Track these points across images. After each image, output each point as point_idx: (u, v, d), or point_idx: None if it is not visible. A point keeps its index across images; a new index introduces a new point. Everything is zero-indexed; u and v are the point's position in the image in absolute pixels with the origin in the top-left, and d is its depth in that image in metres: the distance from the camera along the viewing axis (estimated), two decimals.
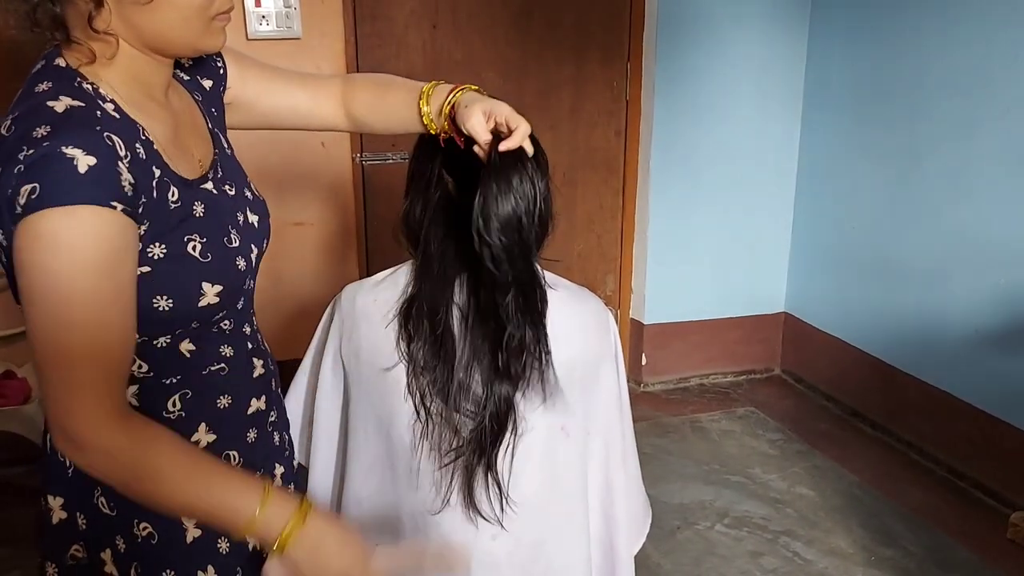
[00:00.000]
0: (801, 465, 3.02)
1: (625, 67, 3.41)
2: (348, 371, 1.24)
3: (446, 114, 1.10)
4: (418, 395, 1.14)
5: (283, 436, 1.20)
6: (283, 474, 1.18)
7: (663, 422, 3.36)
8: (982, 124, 2.72)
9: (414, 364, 1.14)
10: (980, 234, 2.75)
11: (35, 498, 1.09)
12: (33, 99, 0.86)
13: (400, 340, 1.15)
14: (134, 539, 1.01)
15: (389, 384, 1.16)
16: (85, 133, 0.83)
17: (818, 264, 3.57)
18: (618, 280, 3.67)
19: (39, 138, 0.81)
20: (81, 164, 0.80)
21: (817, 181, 3.53)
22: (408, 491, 1.19)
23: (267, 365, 1.15)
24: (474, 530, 1.17)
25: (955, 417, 2.89)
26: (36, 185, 0.79)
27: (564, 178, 3.43)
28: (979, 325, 2.78)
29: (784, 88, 3.52)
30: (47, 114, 0.83)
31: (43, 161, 0.80)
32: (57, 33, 0.89)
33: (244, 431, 1.09)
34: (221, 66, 1.14)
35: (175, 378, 1.00)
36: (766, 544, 2.56)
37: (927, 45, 2.91)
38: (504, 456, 1.15)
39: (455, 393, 1.13)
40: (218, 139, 1.10)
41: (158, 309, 0.92)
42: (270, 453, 1.16)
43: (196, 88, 1.10)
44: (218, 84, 1.14)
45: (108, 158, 0.83)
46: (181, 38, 0.94)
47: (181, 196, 0.95)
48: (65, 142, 0.81)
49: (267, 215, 1.13)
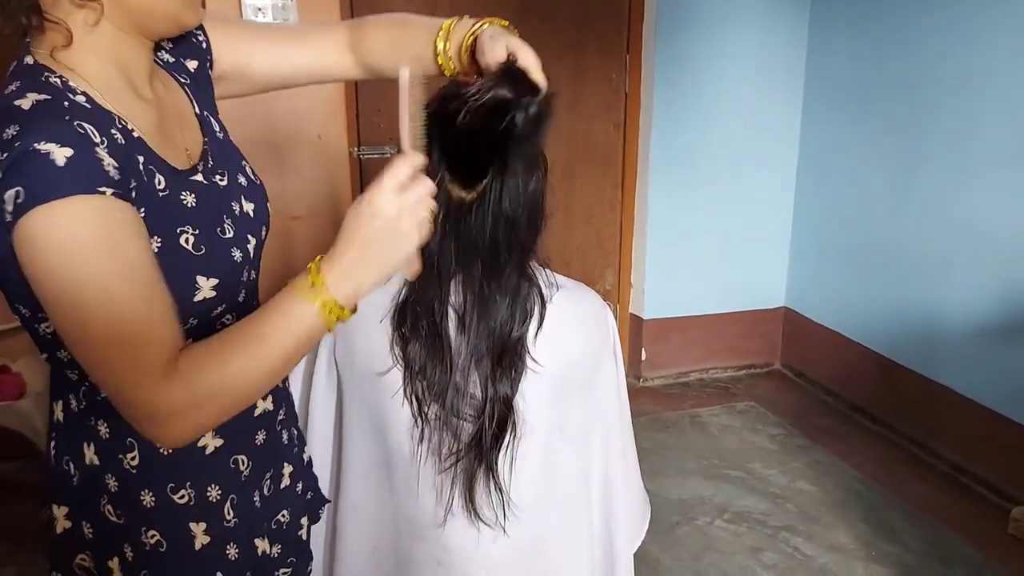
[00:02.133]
0: (801, 460, 3.01)
1: (624, 59, 3.39)
2: (342, 376, 1.22)
3: (467, 46, 1.04)
4: (415, 400, 1.11)
5: (291, 433, 1.17)
6: (292, 472, 1.15)
7: (663, 417, 3.34)
8: (984, 117, 2.70)
9: (410, 368, 1.11)
10: (982, 228, 2.73)
11: (30, 494, 1.08)
12: (2, 102, 0.84)
13: (395, 343, 1.12)
14: (142, 547, 0.99)
15: (385, 389, 1.13)
16: (55, 125, 0.81)
17: (819, 258, 3.55)
18: (617, 274, 3.65)
19: (9, 139, 0.79)
20: (58, 157, 0.78)
21: (818, 174, 3.52)
22: (407, 497, 1.17)
23: None
24: (475, 534, 1.15)
25: (956, 412, 2.88)
26: (19, 189, 0.77)
27: (563, 171, 3.42)
28: (981, 320, 2.76)
29: (785, 80, 3.51)
30: (14, 114, 0.81)
31: (19, 162, 0.78)
32: (33, 18, 0.86)
33: (252, 434, 1.07)
34: (203, 40, 1.10)
35: None
36: (766, 539, 2.54)
37: (929, 37, 2.89)
38: (504, 458, 1.13)
39: (453, 396, 1.10)
40: (208, 125, 1.06)
41: None
42: (279, 453, 1.13)
43: (181, 71, 1.07)
44: (203, 62, 1.10)
45: (84, 146, 0.81)
46: (163, 8, 0.92)
47: (169, 185, 0.92)
48: (36, 139, 0.78)
49: (265, 200, 1.09)
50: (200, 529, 1.01)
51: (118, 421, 0.96)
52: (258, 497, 1.08)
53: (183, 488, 0.99)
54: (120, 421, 0.95)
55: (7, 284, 0.87)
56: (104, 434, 0.97)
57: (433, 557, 1.17)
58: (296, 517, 1.16)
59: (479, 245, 1.09)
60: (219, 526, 1.02)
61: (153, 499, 0.98)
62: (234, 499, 1.03)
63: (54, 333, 0.90)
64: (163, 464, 0.98)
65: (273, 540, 1.12)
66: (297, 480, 1.17)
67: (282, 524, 1.14)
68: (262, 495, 1.09)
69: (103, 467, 0.98)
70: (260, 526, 1.09)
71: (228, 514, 1.03)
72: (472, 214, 1.09)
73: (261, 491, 1.09)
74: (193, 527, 1.00)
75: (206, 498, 1.01)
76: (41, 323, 0.90)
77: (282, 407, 1.14)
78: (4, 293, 0.89)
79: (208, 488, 1.01)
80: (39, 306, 0.86)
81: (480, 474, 1.12)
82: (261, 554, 1.07)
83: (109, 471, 0.98)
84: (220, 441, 1.02)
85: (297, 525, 1.17)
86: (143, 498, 0.98)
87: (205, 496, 1.01)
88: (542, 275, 1.16)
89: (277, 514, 1.13)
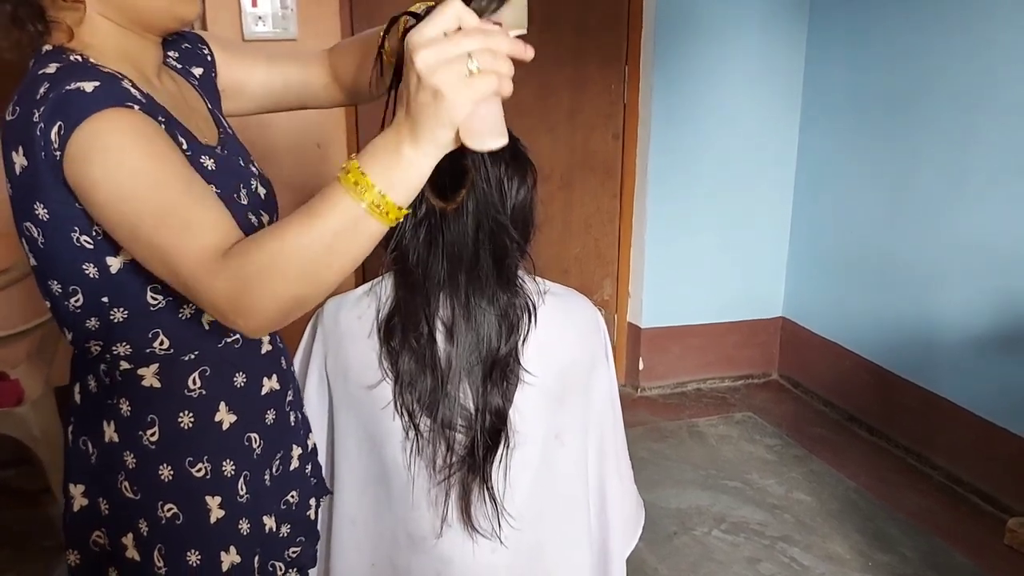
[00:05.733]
0: (798, 470, 3.02)
1: (623, 70, 3.40)
2: (334, 390, 1.21)
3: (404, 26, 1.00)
4: (406, 412, 1.11)
5: (298, 416, 1.19)
6: (301, 455, 1.18)
7: (660, 427, 3.34)
8: (981, 129, 2.71)
9: (400, 381, 1.11)
10: (978, 239, 2.75)
11: (29, 501, 1.10)
12: (30, 75, 0.90)
13: (383, 357, 1.12)
14: (158, 521, 1.01)
15: (378, 402, 1.13)
16: (81, 71, 0.88)
17: (816, 269, 3.56)
18: (615, 284, 3.66)
19: (43, 95, 0.86)
20: (88, 87, 0.85)
21: (815, 185, 3.53)
22: (405, 510, 1.16)
23: (275, 343, 1.14)
24: (472, 546, 1.15)
25: (953, 423, 2.89)
26: (59, 123, 0.84)
27: (561, 181, 3.43)
28: (977, 330, 2.77)
29: (783, 92, 3.52)
30: (43, 78, 0.88)
31: (54, 105, 0.85)
32: (39, 25, 0.91)
33: (262, 413, 1.10)
34: (208, 53, 1.15)
35: (193, 354, 1.01)
36: (763, 550, 2.55)
37: (926, 50, 2.90)
38: (499, 469, 1.13)
39: (444, 408, 1.10)
40: (220, 121, 1.11)
41: None
42: (287, 433, 1.16)
43: (188, 76, 1.11)
44: (209, 71, 1.14)
45: (110, 80, 0.88)
46: (154, 2, 0.96)
47: (190, 147, 0.97)
48: (67, 82, 0.85)
49: (273, 191, 1.14)
50: (215, 503, 1.03)
51: (139, 398, 1.00)
52: (268, 476, 1.11)
53: (200, 462, 1.02)
54: (140, 398, 1.00)
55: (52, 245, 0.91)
56: (125, 411, 1.00)
57: (433, 569, 1.17)
58: (304, 498, 1.19)
59: (463, 256, 1.09)
60: (233, 501, 1.05)
61: (171, 473, 1.01)
62: (247, 475, 1.06)
63: (83, 308, 0.95)
64: (182, 439, 1.01)
65: (283, 519, 1.14)
66: (306, 463, 1.19)
67: (291, 504, 1.16)
68: (271, 474, 1.11)
69: (122, 444, 1.01)
70: (269, 504, 1.11)
71: (242, 490, 1.06)
72: (454, 224, 1.08)
73: (271, 470, 1.11)
74: (209, 500, 1.03)
75: (222, 473, 1.04)
76: (71, 298, 0.95)
77: (290, 389, 1.17)
78: (41, 269, 0.95)
79: (224, 463, 1.04)
80: (73, 280, 0.93)
81: (475, 486, 1.12)
82: (268, 531, 1.10)
83: (128, 448, 1.00)
84: (234, 417, 1.05)
85: (306, 506, 1.19)
86: (161, 472, 1.01)
87: (221, 471, 1.04)
88: (532, 284, 1.15)
89: (287, 494, 1.15)
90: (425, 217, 1.10)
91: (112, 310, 0.95)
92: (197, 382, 1.02)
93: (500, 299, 1.11)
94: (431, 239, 1.09)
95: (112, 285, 0.94)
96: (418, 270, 1.10)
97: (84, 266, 0.92)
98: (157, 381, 1.00)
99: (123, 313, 0.96)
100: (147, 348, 0.98)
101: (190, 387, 1.01)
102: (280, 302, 0.82)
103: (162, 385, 1.00)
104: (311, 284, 0.82)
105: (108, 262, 0.93)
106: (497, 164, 1.07)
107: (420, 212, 1.09)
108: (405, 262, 1.11)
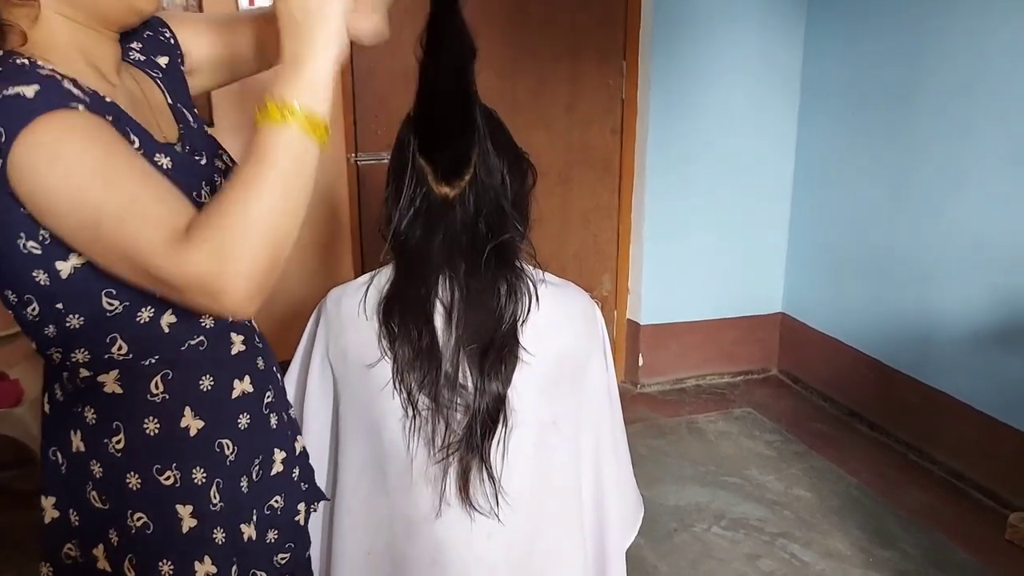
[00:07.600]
0: (798, 466, 3.01)
1: (621, 65, 3.40)
2: (336, 374, 1.22)
3: None
4: (405, 391, 1.12)
5: (282, 418, 1.16)
6: (285, 459, 1.15)
7: (659, 423, 3.34)
8: (980, 124, 2.70)
9: (398, 362, 1.12)
10: (978, 234, 2.74)
11: (28, 501, 1.09)
12: None
13: (382, 337, 1.13)
14: (128, 530, 0.99)
15: (377, 383, 1.14)
16: (20, 74, 0.85)
17: (815, 264, 3.56)
18: (614, 280, 3.65)
19: None
20: (28, 92, 0.83)
21: (814, 180, 3.52)
22: (401, 493, 1.17)
23: (249, 343, 1.11)
24: (469, 529, 1.15)
25: (953, 418, 2.88)
26: (0, 131, 0.81)
27: (559, 176, 3.42)
28: (977, 325, 2.77)
29: (781, 86, 3.52)
30: None
31: None
32: None
33: (234, 417, 1.07)
34: (170, 36, 1.12)
35: (154, 358, 0.98)
36: (763, 546, 2.54)
37: (924, 43, 2.89)
38: (497, 450, 1.13)
39: (443, 389, 1.11)
40: (182, 115, 1.08)
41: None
42: (268, 438, 1.13)
43: (153, 67, 1.08)
44: (174, 57, 1.11)
45: (50, 82, 0.85)
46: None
47: (143, 144, 0.94)
48: (4, 88, 0.83)
49: None
50: (187, 512, 1.01)
51: (103, 405, 0.98)
52: (245, 483, 1.08)
53: (169, 470, 1.00)
54: (103, 405, 0.98)
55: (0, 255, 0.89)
56: (90, 419, 0.98)
57: (429, 556, 1.17)
58: (292, 503, 1.16)
59: (463, 241, 1.12)
60: (206, 509, 1.02)
61: (139, 481, 0.99)
62: (220, 483, 1.04)
63: (40, 316, 0.93)
64: (148, 446, 0.99)
65: (268, 526, 1.12)
66: (292, 467, 1.16)
67: (276, 510, 1.14)
68: (250, 480, 1.09)
69: (88, 453, 0.99)
70: (248, 512, 1.09)
71: (214, 498, 1.03)
72: (456, 210, 1.11)
73: (249, 476, 1.09)
74: (180, 509, 1.01)
75: (192, 480, 1.01)
76: (27, 307, 0.93)
77: (268, 390, 1.13)
78: None
79: (194, 470, 1.01)
80: (26, 289, 0.90)
81: (474, 464, 1.13)
82: (248, 540, 1.07)
83: (94, 457, 0.99)
84: (201, 423, 1.02)
85: (293, 511, 1.17)
86: (129, 481, 0.99)
87: (191, 478, 1.01)
88: (529, 272, 1.17)
89: (269, 500, 1.13)
90: (424, 201, 1.12)
91: (68, 316, 0.93)
92: (160, 386, 0.99)
93: (499, 281, 1.12)
94: (430, 224, 1.12)
95: (65, 291, 0.91)
96: (417, 253, 1.12)
97: (34, 273, 0.90)
98: (119, 387, 0.97)
99: (79, 320, 0.93)
100: (105, 354, 0.96)
101: (153, 392, 0.99)
102: (260, 263, 0.83)
103: (124, 391, 0.98)
104: (283, 233, 0.85)
105: (58, 267, 0.90)
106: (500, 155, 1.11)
107: (419, 198, 1.12)
108: (405, 246, 1.14)
